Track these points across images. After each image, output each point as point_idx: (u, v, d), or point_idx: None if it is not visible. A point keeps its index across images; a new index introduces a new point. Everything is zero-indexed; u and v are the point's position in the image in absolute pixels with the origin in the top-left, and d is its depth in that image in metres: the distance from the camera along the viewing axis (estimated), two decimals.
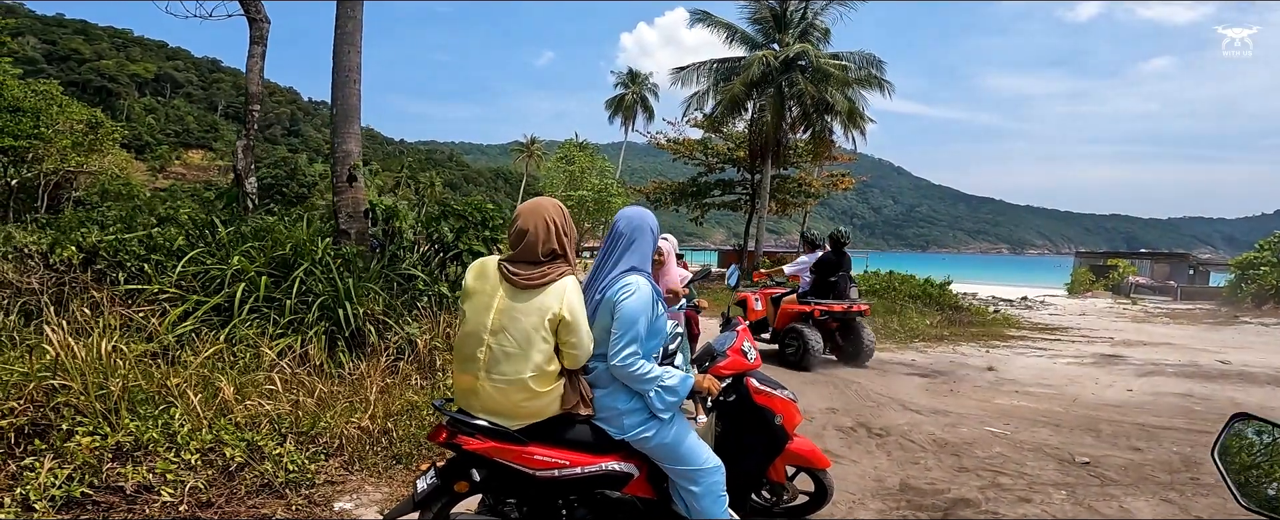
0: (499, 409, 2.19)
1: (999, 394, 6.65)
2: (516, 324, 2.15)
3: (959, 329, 12.85)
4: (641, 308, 2.21)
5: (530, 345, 2.14)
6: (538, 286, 2.17)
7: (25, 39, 76.30)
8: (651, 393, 2.24)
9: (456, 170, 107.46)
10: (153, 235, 5.93)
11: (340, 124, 7.15)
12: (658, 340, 2.39)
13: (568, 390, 2.25)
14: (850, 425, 4.99)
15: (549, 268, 2.20)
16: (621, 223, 2.38)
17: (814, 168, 27.21)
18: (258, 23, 6.90)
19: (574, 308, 2.17)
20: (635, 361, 2.18)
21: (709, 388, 2.38)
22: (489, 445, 2.15)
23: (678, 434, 2.34)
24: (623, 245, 2.34)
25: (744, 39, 22.04)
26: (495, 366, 2.16)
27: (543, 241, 2.20)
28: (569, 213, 2.35)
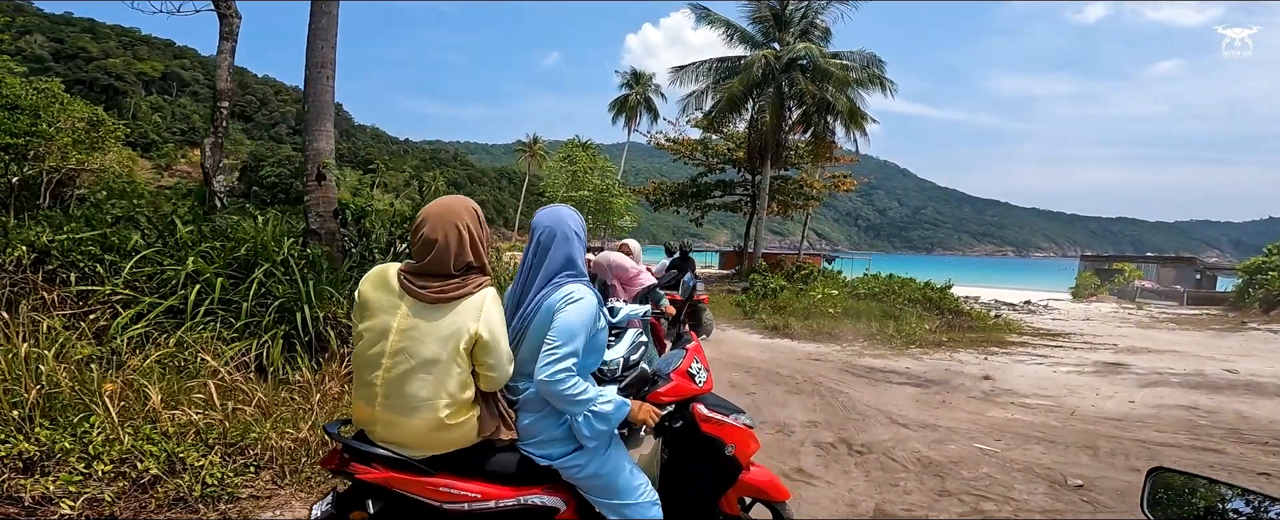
0: (401, 440, 1.89)
1: (993, 405, 6.35)
2: (422, 345, 1.85)
3: (958, 334, 12.52)
4: (584, 319, 1.95)
5: (440, 370, 1.85)
6: (449, 301, 1.87)
7: (33, 37, 76.58)
8: (580, 417, 1.96)
9: (461, 170, 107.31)
10: (107, 235, 5.71)
11: (312, 121, 6.92)
12: (596, 359, 2.12)
13: (485, 416, 1.96)
14: (830, 440, 4.70)
15: (464, 280, 1.91)
16: (540, 229, 2.10)
17: (815, 169, 26.88)
18: (228, 18, 6.68)
19: (494, 325, 1.89)
20: (568, 379, 1.89)
21: (645, 418, 2.10)
22: (385, 475, 1.87)
23: (613, 465, 2.07)
24: (549, 252, 2.07)
25: (744, 38, 21.76)
26: (395, 394, 1.86)
27: (456, 254, 1.90)
28: (482, 214, 2.05)
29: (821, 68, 19.80)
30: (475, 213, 1.99)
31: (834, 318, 12.78)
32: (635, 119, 49.08)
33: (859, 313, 13.22)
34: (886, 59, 21.15)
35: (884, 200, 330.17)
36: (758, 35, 21.77)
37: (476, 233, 1.96)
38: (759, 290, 14.96)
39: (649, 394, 2.25)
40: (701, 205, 27.67)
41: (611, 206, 44.05)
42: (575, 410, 1.95)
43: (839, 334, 11.40)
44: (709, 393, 2.40)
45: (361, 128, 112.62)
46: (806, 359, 8.74)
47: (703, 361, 2.44)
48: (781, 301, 14.16)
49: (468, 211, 1.97)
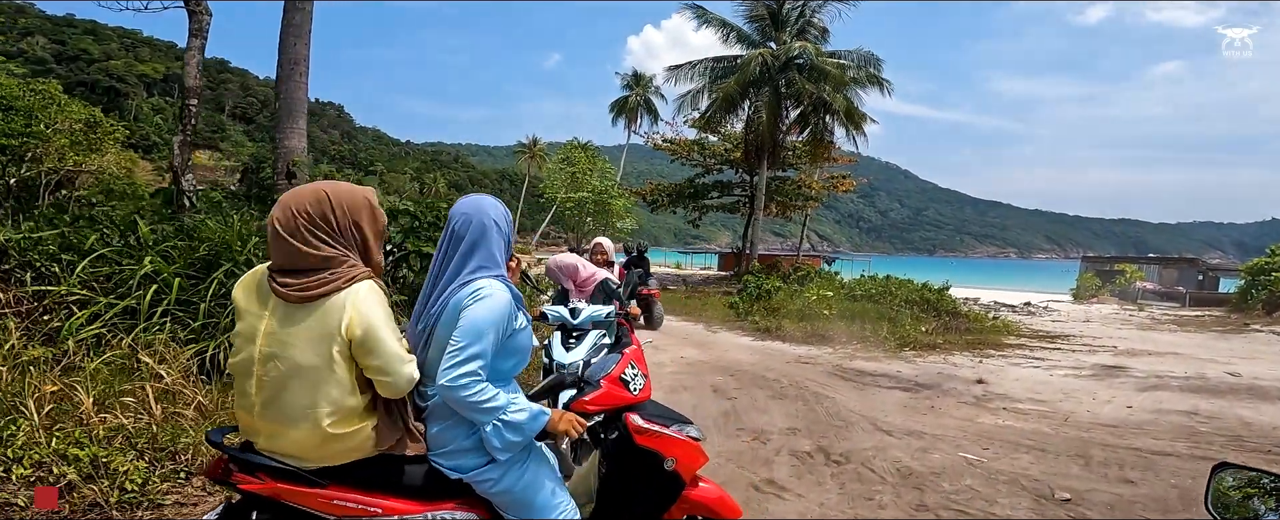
0: (286, 450, 1.71)
1: (984, 411, 6.12)
2: (293, 350, 1.65)
3: (955, 336, 12.26)
4: (493, 317, 1.74)
5: (316, 377, 1.65)
6: (314, 300, 1.66)
7: (35, 39, 76.57)
8: (489, 427, 1.76)
9: (462, 172, 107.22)
10: (65, 234, 5.56)
11: (283, 119, 6.76)
12: (515, 362, 1.91)
13: (384, 426, 1.76)
14: (808, 449, 4.48)
15: (330, 273, 1.68)
16: (456, 218, 1.89)
17: (813, 170, 26.68)
18: (197, 15, 6.50)
19: (370, 319, 1.67)
20: (473, 384, 1.70)
21: (566, 428, 1.88)
22: (271, 486, 1.68)
23: (531, 480, 1.87)
24: (462, 246, 1.85)
25: (741, 38, 21.57)
26: (271, 403, 1.68)
27: (304, 241, 1.67)
28: (348, 196, 1.77)
29: (818, 67, 19.61)
30: (321, 194, 1.74)
31: (828, 320, 12.55)
32: (636, 121, 48.98)
33: (854, 314, 12.98)
34: (887, 60, 21.06)
35: (886, 202, 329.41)
36: (754, 35, 21.58)
37: (330, 214, 1.72)
38: (753, 292, 14.73)
39: (574, 402, 2.04)
40: (699, 206, 27.42)
41: (611, 208, 43.96)
42: (483, 419, 1.75)
43: (832, 336, 11.17)
44: (646, 401, 2.19)
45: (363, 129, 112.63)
46: (796, 362, 8.53)
47: (641, 367, 2.22)
48: (775, 303, 13.93)
49: (312, 193, 1.73)
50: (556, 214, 47.36)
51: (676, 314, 14.65)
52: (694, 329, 12.18)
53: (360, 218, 1.77)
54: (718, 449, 4.45)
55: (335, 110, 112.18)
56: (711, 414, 5.48)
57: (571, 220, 46.49)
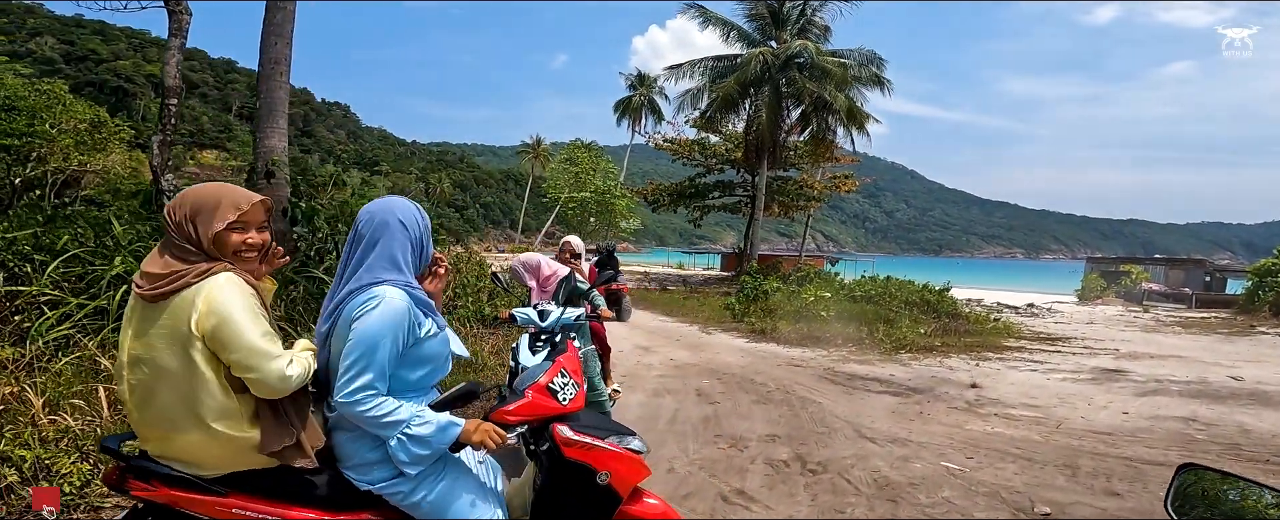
0: (175, 456, 1.65)
1: (975, 417, 5.97)
2: (155, 352, 1.58)
3: (953, 339, 12.08)
4: (385, 327, 1.65)
5: (179, 379, 1.58)
6: (165, 295, 1.58)
7: (44, 39, 76.95)
8: (393, 441, 1.68)
9: (467, 171, 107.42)
10: (38, 235, 5.50)
11: (263, 118, 6.67)
12: (428, 371, 1.81)
13: (270, 430, 1.65)
14: (785, 458, 4.35)
15: (182, 271, 1.60)
16: (361, 219, 1.80)
17: (815, 169, 26.51)
18: (176, 15, 6.41)
19: (223, 312, 1.56)
20: (368, 399, 1.63)
21: (482, 440, 1.77)
22: (165, 494, 1.62)
23: (444, 493, 1.79)
24: (361, 248, 1.76)
25: (742, 36, 21.42)
26: (145, 406, 1.62)
27: (165, 243, 1.66)
28: (197, 198, 1.70)
29: (819, 66, 19.45)
30: (192, 200, 1.68)
31: (825, 321, 12.41)
32: (640, 120, 48.89)
33: (851, 316, 12.83)
34: (891, 59, 20.89)
35: (891, 202, 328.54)
36: (755, 33, 21.43)
37: (188, 213, 1.65)
38: (749, 293, 14.59)
39: (493, 412, 1.92)
40: (700, 206, 27.27)
41: (614, 208, 43.89)
42: (384, 433, 1.67)
43: (827, 338, 11.03)
44: (577, 411, 2.07)
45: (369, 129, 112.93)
46: (787, 364, 8.39)
47: (574, 374, 2.10)
48: (772, 304, 13.80)
49: (183, 200, 1.68)
50: (560, 214, 47.32)
51: (672, 315, 14.53)
52: (688, 330, 12.05)
53: (201, 221, 1.67)
54: (692, 456, 4.33)
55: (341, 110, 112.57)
56: (692, 419, 5.36)
57: (574, 220, 46.46)
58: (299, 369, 1.65)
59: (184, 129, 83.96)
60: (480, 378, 5.73)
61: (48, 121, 18.03)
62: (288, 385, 1.63)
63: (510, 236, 72.95)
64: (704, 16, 21.32)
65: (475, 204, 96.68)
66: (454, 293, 7.79)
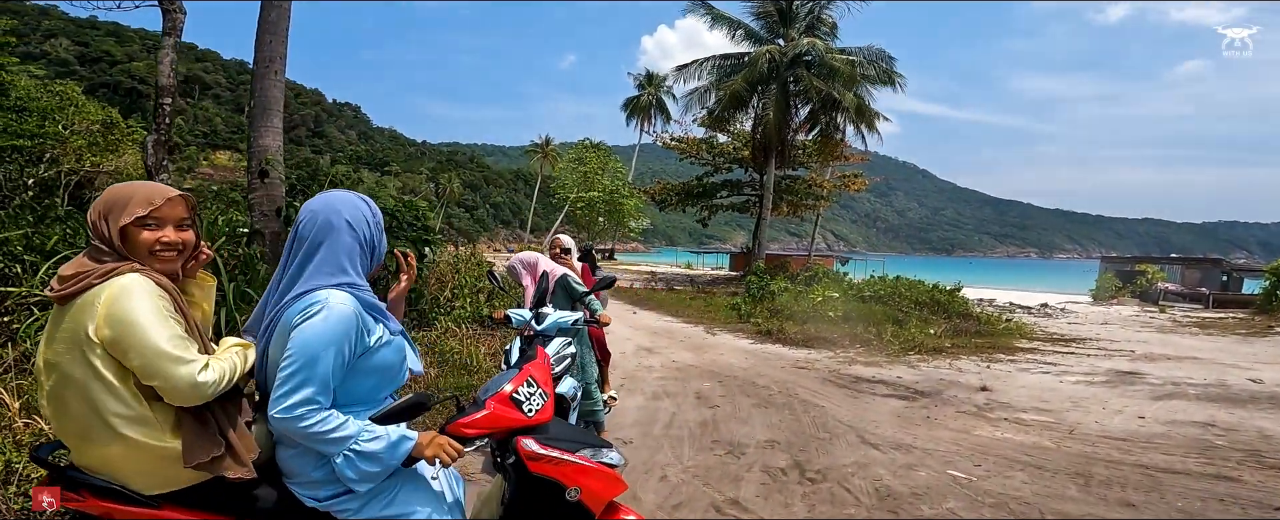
0: (93, 467, 1.53)
1: (984, 422, 5.79)
2: (61, 356, 1.48)
3: (964, 340, 11.87)
4: (329, 335, 1.51)
5: (85, 385, 1.46)
6: (70, 296, 1.48)
7: (58, 40, 77.63)
8: (339, 458, 1.54)
9: (477, 171, 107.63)
10: (29, 235, 5.45)
11: (258, 117, 6.59)
12: (378, 382, 1.67)
13: (193, 440, 1.51)
14: (782, 465, 4.19)
15: (87, 272, 1.50)
16: (302, 218, 1.66)
17: (823, 168, 26.28)
18: (171, 13, 6.34)
19: (123, 315, 1.44)
20: (310, 414, 1.50)
21: (436, 454, 1.64)
22: (94, 505, 1.52)
23: (398, 509, 1.66)
24: (304, 249, 1.63)
25: (749, 34, 21.23)
26: (58, 415, 1.51)
27: (89, 233, 1.57)
28: (115, 196, 1.60)
29: (827, 64, 19.22)
30: (106, 197, 1.58)
31: (832, 322, 12.23)
32: (649, 120, 48.78)
33: (859, 317, 12.64)
34: (902, 58, 20.74)
35: (903, 201, 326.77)
36: (762, 31, 21.24)
37: (105, 215, 1.55)
38: (755, 293, 14.42)
39: (450, 424, 1.79)
40: (708, 205, 27.10)
41: (622, 207, 43.79)
42: (329, 450, 1.54)
43: (834, 339, 10.84)
44: (544, 422, 1.93)
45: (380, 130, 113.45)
46: (792, 367, 8.22)
47: (542, 383, 1.96)
48: (779, 305, 13.62)
49: (101, 198, 1.58)
50: (568, 213, 47.27)
51: (678, 315, 14.38)
52: (693, 331, 11.89)
53: (112, 217, 1.56)
54: (687, 463, 4.19)
55: (352, 111, 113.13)
56: (689, 423, 5.21)
57: (583, 219, 46.40)
58: (215, 374, 1.52)
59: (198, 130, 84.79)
60: (476, 381, 5.61)
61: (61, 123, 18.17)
62: (201, 392, 1.49)
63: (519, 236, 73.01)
64: (711, 15, 21.16)
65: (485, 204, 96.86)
66: (452, 293, 7.69)
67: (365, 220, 1.69)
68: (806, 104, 20.67)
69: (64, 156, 20.14)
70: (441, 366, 5.82)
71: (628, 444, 4.56)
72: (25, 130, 17.40)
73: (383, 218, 1.77)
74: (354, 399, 1.63)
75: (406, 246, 6.49)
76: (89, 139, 21.19)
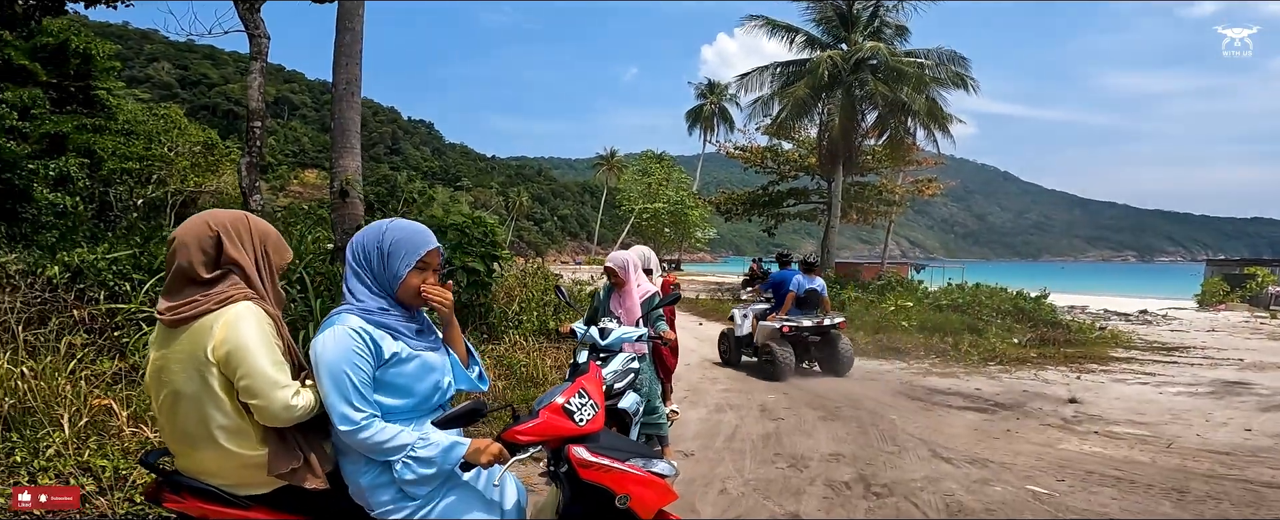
0: (198, 471, 1.74)
1: (1071, 435, 5.47)
2: (173, 374, 1.67)
3: (1051, 349, 11.22)
4: (333, 358, 1.66)
5: (194, 401, 1.66)
6: (183, 322, 1.65)
7: (160, 64, 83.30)
8: (398, 465, 1.69)
9: (544, 185, 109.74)
10: (137, 254, 5.91)
11: (337, 138, 6.96)
12: (409, 398, 1.79)
13: (276, 452, 1.69)
14: (847, 479, 4.09)
15: (203, 296, 1.66)
16: (350, 246, 1.85)
17: (895, 173, 25.53)
18: (257, 39, 6.83)
19: (237, 341, 1.62)
20: (364, 427, 1.65)
21: (488, 460, 1.75)
22: (194, 506, 1.72)
23: (449, 513, 1.77)
24: (348, 275, 1.83)
25: (810, 41, 20.92)
26: (168, 424, 1.74)
27: (180, 271, 1.70)
28: (251, 220, 1.82)
29: (894, 67, 18.72)
30: (212, 219, 1.75)
31: (906, 332, 11.83)
32: (712, 129, 48.71)
33: (935, 326, 12.16)
34: (979, 58, 19.95)
35: (983, 205, 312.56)
36: (823, 37, 20.89)
37: (225, 236, 1.72)
38: None
39: (505, 431, 1.86)
40: (774, 214, 26.72)
41: (688, 218, 43.78)
42: (389, 458, 1.69)
43: (907, 350, 10.48)
44: (596, 431, 1.98)
45: (452, 145, 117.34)
46: (861, 378, 8.00)
47: (594, 394, 2.02)
48: (849, 315, 13.28)
49: (208, 216, 1.76)
50: (634, 225, 47.64)
51: None
52: None
53: (241, 245, 1.75)
54: (747, 476, 4.15)
55: (426, 128, 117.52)
56: (751, 436, 5.16)
57: (649, 230, 46.64)
58: (305, 400, 1.68)
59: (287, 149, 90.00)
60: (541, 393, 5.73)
61: (166, 145, 19.68)
62: (291, 415, 1.66)
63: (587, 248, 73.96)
64: (771, 24, 20.96)
65: (553, 217, 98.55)
66: (519, 307, 7.88)
67: (360, 242, 1.83)
68: (873, 109, 20.14)
69: (170, 177, 21.72)
70: (509, 379, 5.97)
71: (689, 456, 4.55)
72: (133, 153, 18.90)
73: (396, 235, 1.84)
74: (386, 411, 1.74)
75: (475, 262, 6.71)
76: (192, 160, 22.78)
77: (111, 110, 18.41)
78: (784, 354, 7.67)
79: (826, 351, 8.11)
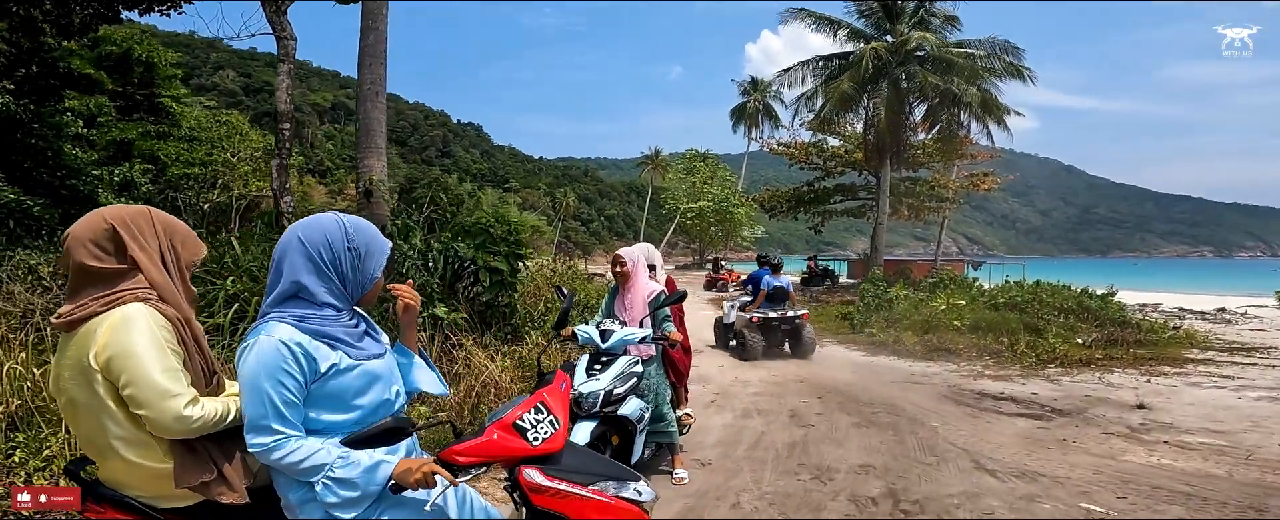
0: (111, 481, 1.62)
1: (1138, 445, 4.98)
2: (65, 382, 1.55)
3: (1119, 350, 10.44)
4: (259, 370, 1.49)
5: (88, 409, 1.53)
6: (73, 325, 1.53)
7: (226, 72, 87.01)
8: (319, 486, 1.51)
9: (591, 185, 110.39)
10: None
11: (363, 139, 6.95)
12: (350, 411, 1.60)
13: (184, 465, 1.56)
14: (874, 493, 3.74)
15: (93, 299, 1.53)
16: (279, 244, 1.64)
17: (948, 168, 24.61)
18: (284, 41, 6.86)
19: (120, 346, 1.48)
20: (277, 446, 1.48)
21: (418, 480, 1.53)
22: (112, 517, 1.61)
23: None
24: (270, 279, 1.62)
25: (853, 33, 20.31)
26: (78, 433, 1.64)
27: (83, 259, 1.56)
28: (154, 214, 1.68)
29: (943, 58, 17.99)
30: (107, 219, 1.60)
31: (959, 331, 11.23)
32: (757, 126, 48.03)
33: (990, 326, 11.50)
34: (1037, 51, 19.08)
35: (1046, 200, 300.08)
36: (867, 29, 20.26)
37: (104, 241, 1.58)
38: (870, 301, 13.56)
39: (444, 450, 1.65)
40: (820, 211, 26.09)
41: (733, 216, 43.24)
42: (306, 478, 1.51)
43: (959, 350, 9.93)
44: (554, 452, 1.75)
45: (500, 148, 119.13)
46: (905, 382, 7.57)
47: (554, 409, 1.79)
48: (897, 314, 12.72)
49: (97, 219, 1.60)
50: (679, 224, 47.34)
51: None
52: None
53: (142, 241, 1.62)
54: (765, 488, 3.86)
55: (475, 130, 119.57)
56: (777, 444, 4.85)
57: (695, 229, 46.24)
58: (203, 410, 1.55)
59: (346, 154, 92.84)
60: None
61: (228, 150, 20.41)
62: (185, 426, 1.52)
63: None
64: (812, 19, 20.44)
65: (600, 216, 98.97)
66: (545, 307, 7.73)
67: (325, 242, 1.61)
68: (922, 101, 19.45)
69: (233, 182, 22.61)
70: (528, 381, 5.80)
71: (705, 466, 4.29)
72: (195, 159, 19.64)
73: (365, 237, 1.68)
74: (324, 427, 1.58)
75: (498, 261, 6.57)
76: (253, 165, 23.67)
77: (175, 117, 19.16)
78: (754, 339, 9.23)
79: (793, 338, 9.56)
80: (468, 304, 6.53)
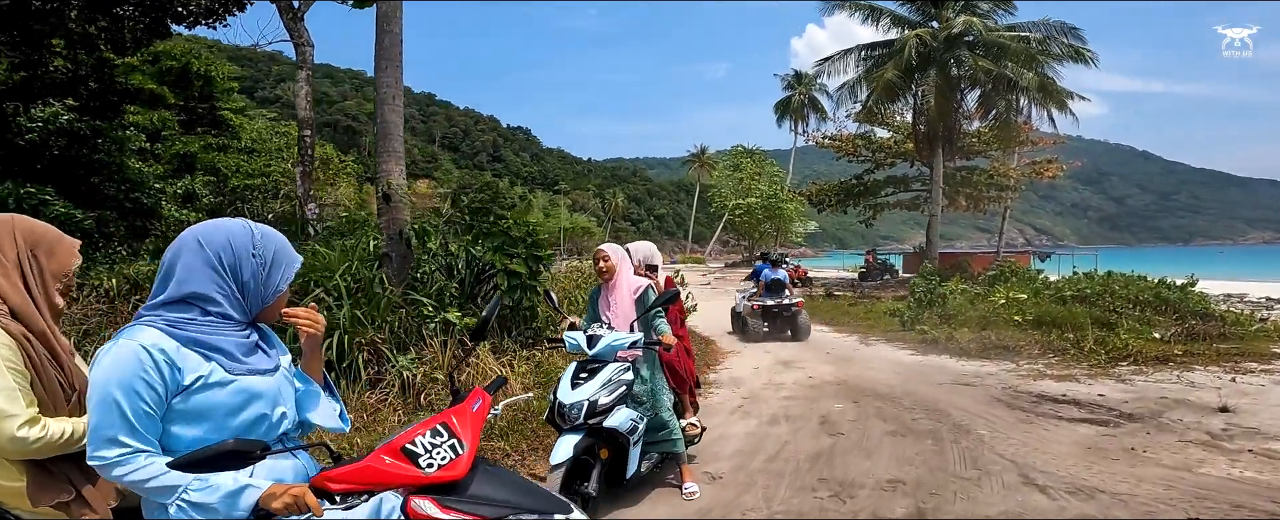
0: None
1: (1217, 454, 4.41)
2: None
3: (1200, 345, 9.50)
4: (111, 377, 1.32)
5: None
6: None
7: (286, 85, 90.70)
8: (173, 509, 1.36)
9: (640, 185, 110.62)
10: None
11: (381, 143, 6.89)
12: (215, 429, 1.40)
13: (38, 484, 1.52)
14: (899, 514, 3.34)
15: None
16: (170, 247, 1.48)
17: (1006, 156, 23.45)
18: (301, 47, 6.86)
19: None
20: (120, 461, 1.32)
21: (284, 506, 1.33)
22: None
23: None
24: (157, 283, 1.46)
25: (897, 20, 19.56)
26: None
27: None
28: (15, 222, 1.60)
29: (994, 42, 17.09)
30: None
31: (1019, 328, 10.50)
32: (803, 120, 47.09)
33: (1054, 321, 10.71)
34: (1104, 34, 17.93)
35: (1121, 188, 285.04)
36: (911, 15, 19.46)
37: None
38: (921, 297, 12.88)
39: (315, 477, 1.42)
40: (871, 204, 25.26)
41: (782, 212, 42.43)
42: (158, 499, 1.37)
43: (1019, 348, 9.24)
44: (458, 479, 1.50)
45: (549, 151, 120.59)
46: (953, 383, 7.03)
47: (460, 432, 1.53)
48: (951, 309, 12.02)
49: None
50: (728, 221, 46.77)
51: (832, 324, 13.30)
52: (844, 342, 10.84)
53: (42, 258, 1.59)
54: (776, 506, 3.51)
55: (524, 134, 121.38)
56: (800, 455, 4.46)
57: (744, 226, 45.58)
58: (45, 432, 1.49)
59: None
60: None
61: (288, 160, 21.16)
62: (24, 448, 1.47)
63: (683, 247, 73.42)
64: (853, 7, 19.74)
65: (649, 216, 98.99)
66: (567, 310, 7.53)
67: (226, 245, 1.45)
68: (975, 88, 18.53)
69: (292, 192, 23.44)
70: (545, 386, 5.60)
71: (716, 480, 3.95)
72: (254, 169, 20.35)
73: (273, 245, 1.52)
74: (187, 446, 1.38)
75: (517, 265, 6.40)
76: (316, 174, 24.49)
77: (235, 129, 19.90)
78: (755, 324, 10.84)
79: (790, 324, 11.03)
80: (484, 308, 6.39)
